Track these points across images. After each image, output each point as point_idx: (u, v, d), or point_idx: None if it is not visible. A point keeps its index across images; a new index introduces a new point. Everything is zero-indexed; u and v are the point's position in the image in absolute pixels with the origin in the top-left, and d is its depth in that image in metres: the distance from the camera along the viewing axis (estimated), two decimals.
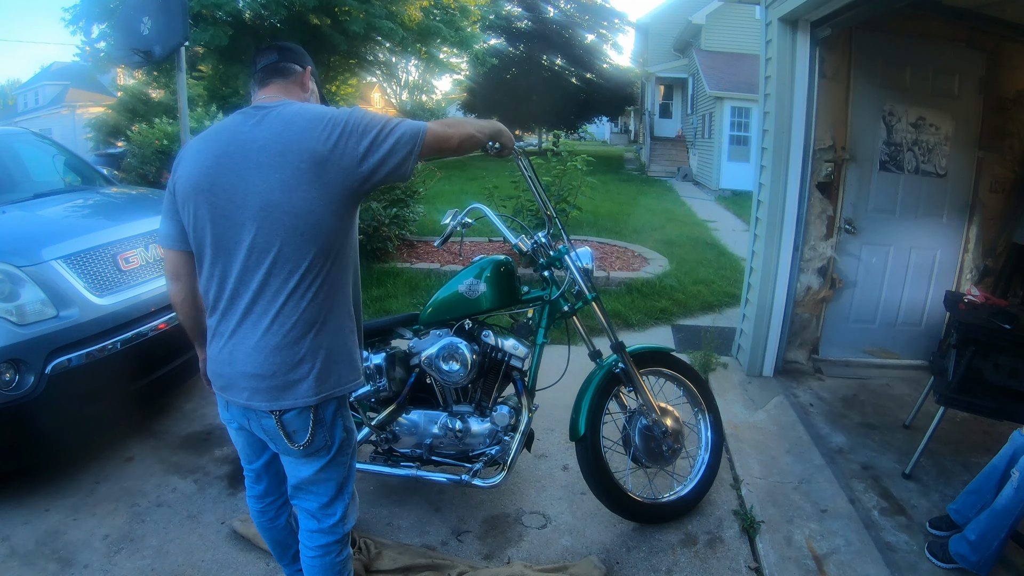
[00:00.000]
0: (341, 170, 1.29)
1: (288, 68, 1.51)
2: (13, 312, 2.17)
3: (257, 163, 1.29)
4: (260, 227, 1.29)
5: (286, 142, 1.28)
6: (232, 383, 1.39)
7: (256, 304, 1.33)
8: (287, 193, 1.27)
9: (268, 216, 1.28)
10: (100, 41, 13.16)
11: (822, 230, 3.45)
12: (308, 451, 1.43)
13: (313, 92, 1.58)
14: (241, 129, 1.34)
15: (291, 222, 1.28)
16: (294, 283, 1.32)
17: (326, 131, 1.29)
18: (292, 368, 1.34)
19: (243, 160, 1.30)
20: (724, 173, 13.88)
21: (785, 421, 3.02)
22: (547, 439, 2.83)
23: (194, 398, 3.19)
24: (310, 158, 1.27)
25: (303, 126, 1.29)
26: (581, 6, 23.20)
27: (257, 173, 1.28)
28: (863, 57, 3.31)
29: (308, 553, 1.56)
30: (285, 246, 1.29)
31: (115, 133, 18.06)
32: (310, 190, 1.28)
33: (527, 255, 2.20)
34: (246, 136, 1.32)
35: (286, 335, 1.33)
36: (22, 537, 2.15)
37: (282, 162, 1.27)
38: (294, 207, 1.28)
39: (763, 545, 2.13)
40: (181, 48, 4.39)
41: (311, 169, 1.27)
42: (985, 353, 2.42)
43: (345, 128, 1.29)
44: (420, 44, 14.95)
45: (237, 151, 1.31)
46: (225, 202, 1.31)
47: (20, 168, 3.51)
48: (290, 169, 1.27)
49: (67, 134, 22.66)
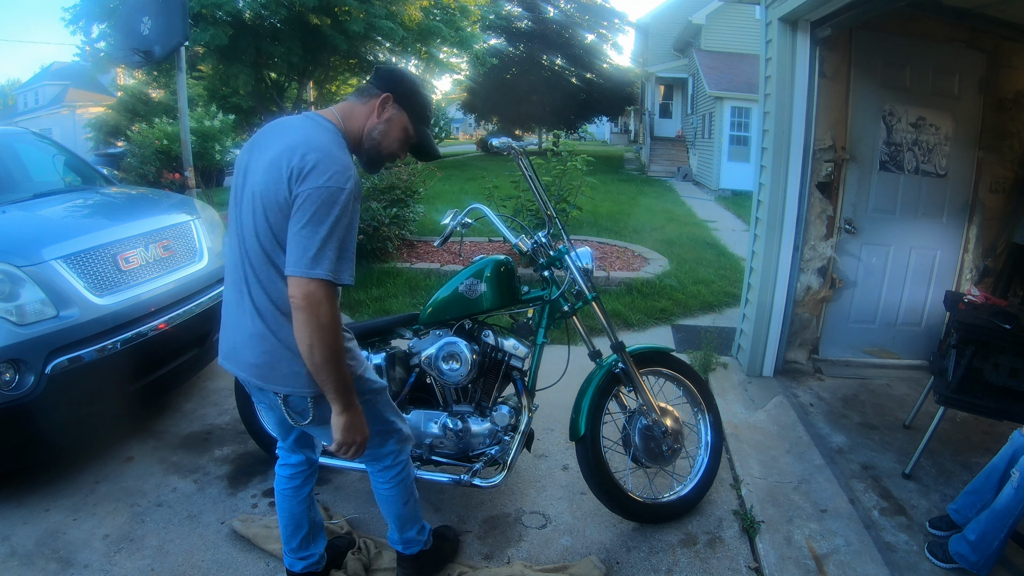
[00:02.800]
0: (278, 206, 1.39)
1: (366, 90, 1.57)
2: (13, 312, 2.17)
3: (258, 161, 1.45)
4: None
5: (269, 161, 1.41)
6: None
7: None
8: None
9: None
10: (100, 41, 13.16)
11: (822, 230, 3.45)
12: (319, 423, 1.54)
13: (392, 120, 1.56)
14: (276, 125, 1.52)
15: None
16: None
17: (283, 185, 1.37)
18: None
19: (256, 153, 1.48)
20: (724, 173, 13.88)
21: (785, 421, 3.02)
22: (547, 439, 2.83)
23: (194, 398, 3.20)
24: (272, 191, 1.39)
25: (274, 160, 1.40)
26: (581, 6, 23.20)
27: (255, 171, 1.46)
28: (863, 57, 3.31)
29: (382, 487, 1.77)
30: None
31: (115, 133, 18.09)
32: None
33: (527, 255, 2.20)
34: (272, 135, 1.49)
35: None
36: (22, 537, 2.14)
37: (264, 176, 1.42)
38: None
39: (763, 545, 2.14)
40: (181, 48, 4.40)
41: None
42: (985, 353, 2.42)
43: (294, 198, 1.36)
44: (420, 44, 14.95)
45: (258, 142, 1.51)
46: (239, 183, 1.51)
47: (20, 168, 3.51)
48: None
49: (67, 134, 22.67)
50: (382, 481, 1.77)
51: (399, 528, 1.85)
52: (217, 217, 3.53)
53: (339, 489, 2.46)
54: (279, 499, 1.81)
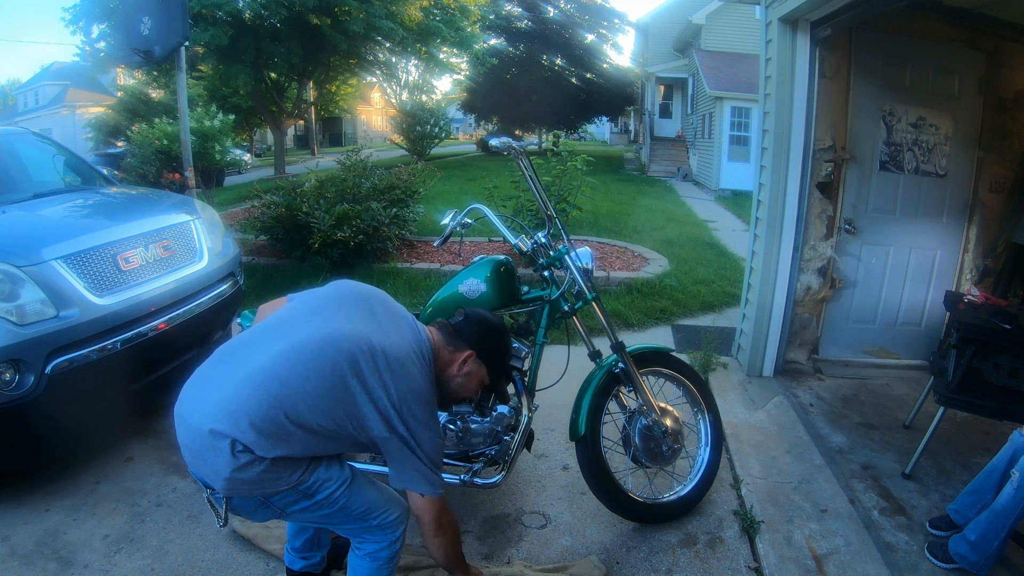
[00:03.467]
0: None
1: (454, 339, 1.67)
2: (13, 312, 2.17)
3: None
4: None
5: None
6: None
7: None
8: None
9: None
10: (100, 41, 13.17)
11: (822, 230, 3.45)
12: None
13: (471, 374, 1.67)
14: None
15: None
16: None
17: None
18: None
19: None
20: (724, 173, 13.88)
21: (785, 421, 3.02)
22: (547, 439, 2.83)
23: None
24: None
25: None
26: (581, 6, 23.18)
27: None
28: (863, 57, 3.31)
29: (354, 565, 1.64)
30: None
31: (115, 133, 18.09)
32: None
33: (527, 255, 2.20)
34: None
35: None
36: (22, 537, 2.14)
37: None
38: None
39: (763, 545, 2.14)
40: (181, 48, 4.40)
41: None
42: (985, 353, 2.42)
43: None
44: (420, 44, 14.95)
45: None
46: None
47: (20, 168, 3.50)
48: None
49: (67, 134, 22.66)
50: (359, 556, 1.63)
51: None
52: (217, 217, 3.53)
53: None
54: None
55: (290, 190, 5.75)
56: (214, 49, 12.36)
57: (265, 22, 13.31)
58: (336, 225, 5.14)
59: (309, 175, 6.61)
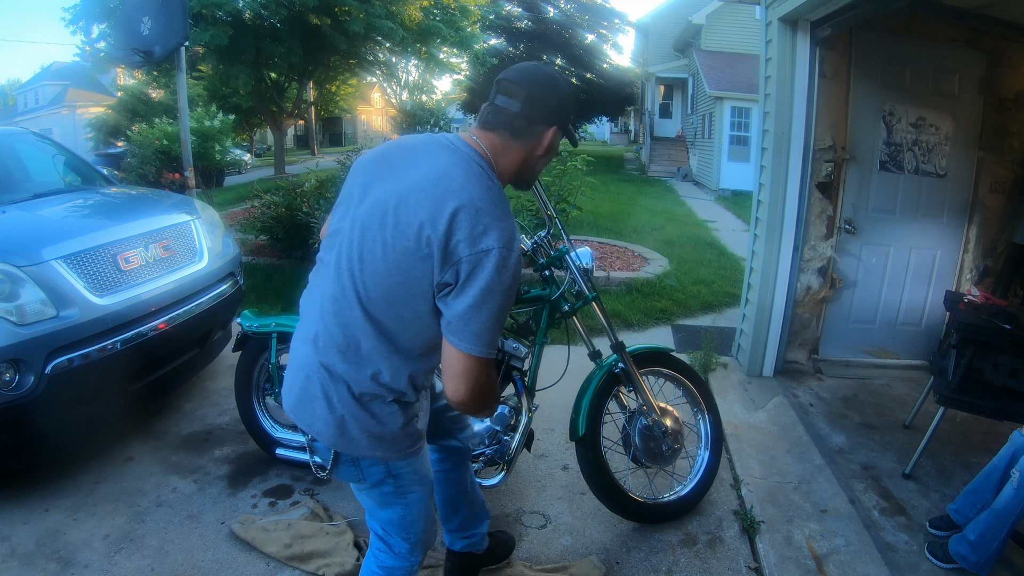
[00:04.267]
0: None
1: (522, 125, 1.27)
2: (13, 312, 2.16)
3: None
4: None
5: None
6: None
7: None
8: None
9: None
10: (100, 41, 13.17)
11: (822, 230, 3.45)
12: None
13: (554, 146, 1.33)
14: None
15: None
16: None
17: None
18: None
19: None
20: (724, 173, 13.88)
21: (785, 421, 3.02)
22: (547, 439, 2.83)
23: (194, 398, 3.20)
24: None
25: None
26: (581, 6, 23.17)
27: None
28: (863, 57, 3.31)
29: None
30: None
31: (115, 133, 18.10)
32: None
33: (527, 255, 2.20)
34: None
35: None
36: (22, 537, 2.14)
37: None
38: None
39: (763, 545, 2.13)
40: (181, 48, 4.40)
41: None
42: (985, 353, 2.42)
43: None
44: (420, 44, 14.95)
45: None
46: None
47: (20, 168, 3.50)
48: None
49: (67, 134, 22.67)
50: (375, 565, 1.51)
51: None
52: (217, 217, 3.53)
53: (339, 489, 2.46)
54: (435, 482, 1.74)
55: (290, 190, 5.75)
56: (214, 49, 12.36)
57: (265, 22, 13.31)
58: None
59: (309, 175, 6.61)
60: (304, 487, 2.47)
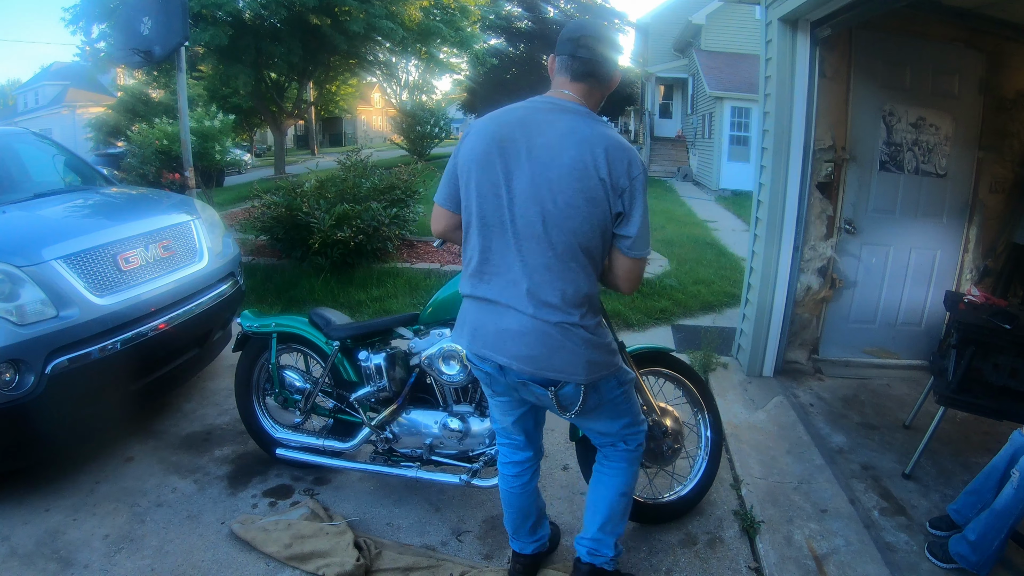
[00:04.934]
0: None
1: (600, 79, 1.55)
2: (13, 312, 2.17)
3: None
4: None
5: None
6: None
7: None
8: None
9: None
10: (100, 41, 13.18)
11: (822, 230, 3.45)
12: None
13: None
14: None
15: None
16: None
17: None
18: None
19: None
20: (724, 173, 13.87)
21: (785, 421, 3.02)
22: (547, 439, 2.80)
23: (194, 398, 3.20)
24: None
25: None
26: (581, 6, 23.19)
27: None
28: (863, 57, 3.31)
29: (616, 468, 1.80)
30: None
31: (115, 133, 18.10)
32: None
33: None
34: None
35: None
36: (22, 537, 2.14)
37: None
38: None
39: (763, 545, 2.14)
40: (181, 48, 4.40)
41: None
42: (985, 353, 2.42)
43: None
44: (420, 44, 14.95)
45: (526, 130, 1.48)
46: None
47: (20, 168, 3.50)
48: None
49: (67, 134, 22.67)
50: (619, 463, 1.80)
51: (599, 525, 1.81)
52: (217, 217, 3.53)
53: (339, 489, 2.46)
54: (507, 496, 1.86)
55: (290, 190, 5.75)
56: (214, 49, 12.36)
57: (265, 22, 13.31)
58: (336, 225, 5.14)
59: (309, 175, 6.61)
60: (304, 487, 2.47)
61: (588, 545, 1.83)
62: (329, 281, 5.04)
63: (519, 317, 1.49)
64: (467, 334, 1.61)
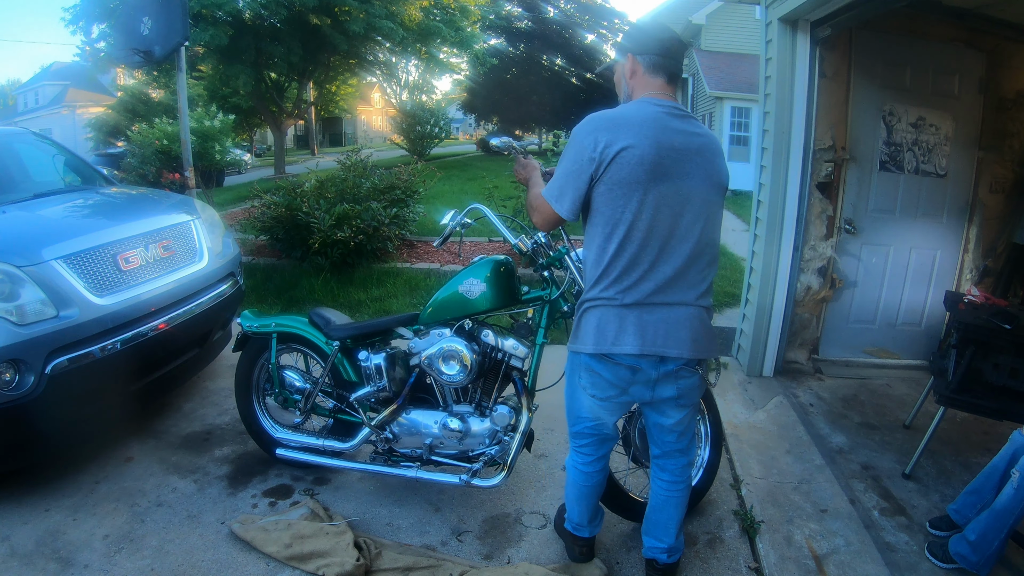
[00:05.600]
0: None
1: (669, 73, 1.71)
2: (13, 312, 2.16)
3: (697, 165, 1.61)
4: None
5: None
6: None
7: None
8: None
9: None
10: (100, 41, 13.20)
11: (822, 230, 3.45)
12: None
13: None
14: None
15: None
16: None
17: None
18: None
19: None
20: None
21: (785, 421, 3.02)
22: (547, 439, 2.83)
23: (194, 398, 3.20)
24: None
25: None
26: (581, 6, 23.18)
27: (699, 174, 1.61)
28: (863, 57, 3.31)
29: (679, 487, 1.89)
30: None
31: (115, 133, 18.11)
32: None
33: (527, 255, 2.20)
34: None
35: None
36: (22, 537, 2.14)
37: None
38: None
39: (763, 545, 2.14)
40: (181, 48, 4.40)
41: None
42: (985, 353, 2.42)
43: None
44: (420, 44, 14.97)
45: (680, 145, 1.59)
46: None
47: (20, 168, 3.50)
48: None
49: (67, 134, 22.67)
50: (682, 480, 1.90)
51: (676, 533, 1.93)
52: (217, 217, 3.53)
53: (339, 489, 2.46)
54: (588, 491, 1.96)
55: (290, 190, 5.75)
56: (214, 49, 12.37)
57: (265, 22, 13.33)
58: (336, 225, 5.14)
59: (309, 175, 6.61)
60: (304, 487, 2.47)
61: (669, 549, 1.94)
62: (329, 281, 5.04)
63: (686, 309, 1.64)
64: (632, 336, 1.62)
